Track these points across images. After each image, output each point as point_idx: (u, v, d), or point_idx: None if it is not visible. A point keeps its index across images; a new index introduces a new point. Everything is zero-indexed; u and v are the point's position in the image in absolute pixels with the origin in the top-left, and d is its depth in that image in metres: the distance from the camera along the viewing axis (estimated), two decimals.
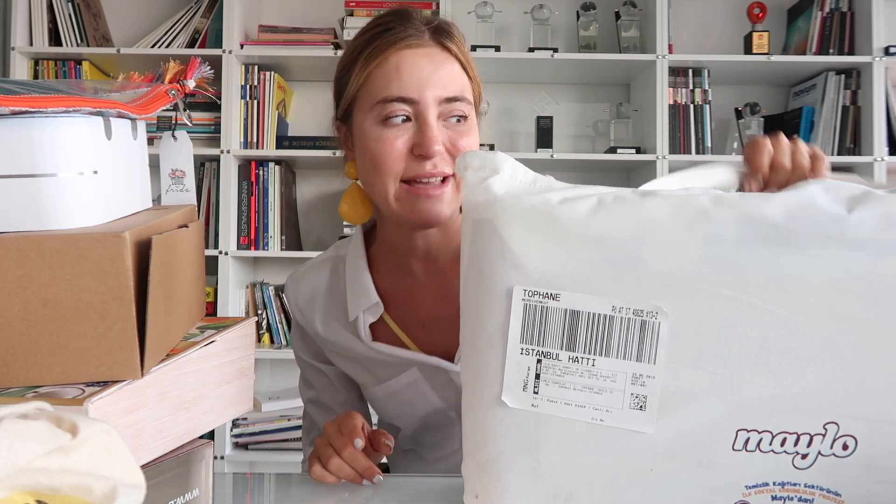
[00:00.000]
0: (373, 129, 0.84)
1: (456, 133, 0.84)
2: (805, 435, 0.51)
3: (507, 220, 0.53)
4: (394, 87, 0.82)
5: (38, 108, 0.53)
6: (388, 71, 0.83)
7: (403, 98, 0.82)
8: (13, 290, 0.52)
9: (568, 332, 0.52)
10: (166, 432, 0.59)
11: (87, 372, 0.53)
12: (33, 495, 0.35)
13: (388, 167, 0.83)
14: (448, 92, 0.83)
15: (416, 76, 0.82)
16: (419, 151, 0.82)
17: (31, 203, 0.55)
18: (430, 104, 0.82)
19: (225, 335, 0.68)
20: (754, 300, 0.50)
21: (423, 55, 0.83)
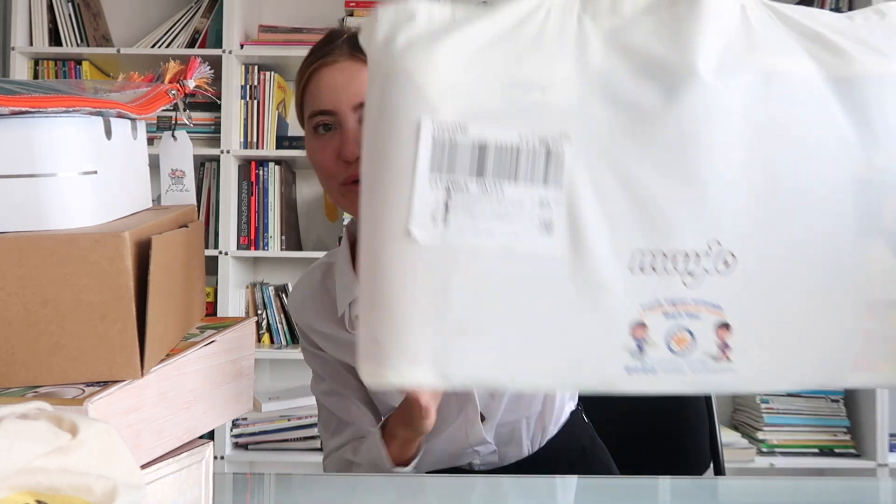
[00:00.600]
0: (310, 141, 0.96)
1: None
2: (693, 254, 0.54)
3: (418, 63, 0.53)
4: (315, 102, 0.93)
5: (38, 108, 0.53)
6: (312, 89, 0.94)
7: (323, 111, 0.93)
8: (13, 290, 0.52)
9: (477, 163, 0.53)
10: (166, 432, 0.59)
11: (87, 372, 0.53)
12: (33, 495, 0.35)
13: (323, 173, 0.94)
14: (361, 97, 0.89)
15: (331, 89, 0.92)
16: (342, 157, 0.91)
17: (31, 203, 0.55)
18: (347, 112, 0.91)
19: (225, 335, 0.68)
20: (635, 126, 0.53)
21: (336, 69, 0.93)
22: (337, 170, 0.92)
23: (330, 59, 0.93)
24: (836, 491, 1.06)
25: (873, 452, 2.22)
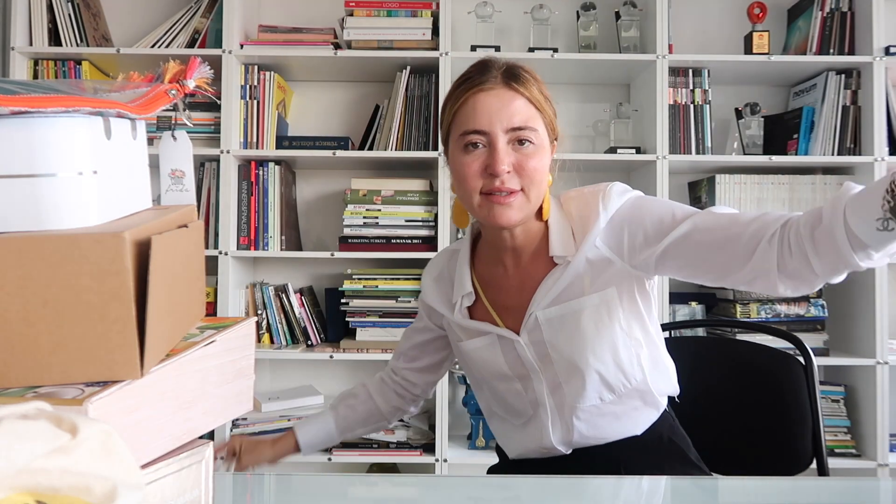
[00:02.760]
0: (458, 156, 1.07)
1: (523, 156, 1.05)
2: None
3: None
4: (471, 122, 1.05)
5: (38, 108, 0.53)
6: (467, 110, 1.06)
7: (477, 130, 1.05)
8: (13, 290, 0.52)
9: None
10: (166, 432, 0.59)
11: (86, 372, 0.53)
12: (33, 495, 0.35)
13: (468, 184, 1.06)
14: (514, 122, 1.04)
15: (486, 112, 1.04)
16: (490, 171, 1.04)
17: (31, 203, 0.55)
18: (499, 133, 1.04)
19: (225, 335, 0.68)
20: None
21: (493, 96, 1.05)
22: (481, 181, 1.05)
23: (488, 86, 1.06)
24: (836, 491, 1.05)
25: (873, 452, 2.22)
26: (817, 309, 2.29)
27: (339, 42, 2.36)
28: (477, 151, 1.05)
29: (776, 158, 2.31)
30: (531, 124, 1.05)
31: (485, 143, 1.05)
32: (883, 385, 2.22)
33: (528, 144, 1.05)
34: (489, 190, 1.05)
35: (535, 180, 1.05)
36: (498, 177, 1.03)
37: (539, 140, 1.06)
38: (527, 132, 1.05)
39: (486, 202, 1.06)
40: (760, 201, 2.35)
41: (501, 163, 1.03)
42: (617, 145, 2.39)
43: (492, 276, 1.18)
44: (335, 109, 2.59)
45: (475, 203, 1.07)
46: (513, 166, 1.04)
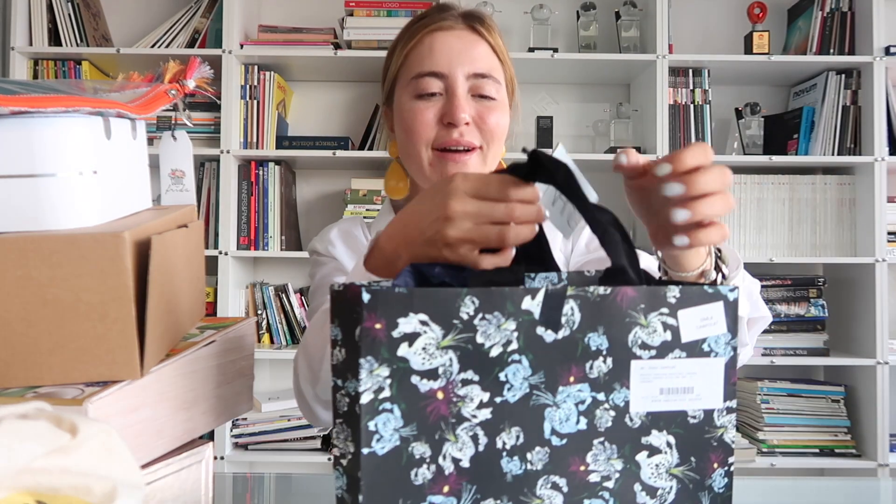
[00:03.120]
0: (408, 103, 0.92)
1: (485, 108, 0.91)
2: None
3: None
4: (426, 63, 0.91)
5: (38, 108, 0.53)
6: (422, 50, 0.92)
7: (434, 73, 0.90)
8: (13, 290, 0.52)
9: None
10: (166, 432, 0.59)
11: (86, 372, 0.53)
12: (33, 495, 0.35)
13: (419, 135, 0.90)
14: (477, 68, 0.90)
15: (446, 53, 0.90)
16: (447, 120, 0.89)
17: (31, 203, 0.55)
18: (459, 78, 0.90)
19: (225, 335, 0.68)
20: None
21: (453, 36, 0.92)
22: (434, 132, 0.90)
23: (447, 24, 0.93)
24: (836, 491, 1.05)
25: (873, 452, 2.22)
26: (817, 309, 2.29)
27: (339, 42, 2.36)
28: (433, 99, 0.91)
29: (776, 158, 2.31)
30: (495, 75, 0.92)
31: (441, 91, 0.90)
32: (883, 385, 2.22)
33: (490, 100, 0.91)
34: (443, 144, 0.90)
35: (496, 138, 0.92)
36: (457, 127, 0.89)
37: (500, 95, 0.93)
38: (490, 83, 0.91)
39: (439, 159, 0.91)
40: (760, 201, 2.35)
41: (461, 109, 0.88)
42: (617, 145, 2.39)
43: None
44: (335, 109, 2.59)
45: (425, 160, 0.91)
46: (472, 119, 0.90)
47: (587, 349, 0.55)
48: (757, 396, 2.30)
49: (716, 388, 0.57)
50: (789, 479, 1.19)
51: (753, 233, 2.34)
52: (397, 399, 0.51)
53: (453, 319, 0.52)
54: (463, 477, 0.52)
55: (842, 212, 2.34)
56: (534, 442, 0.53)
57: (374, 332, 0.50)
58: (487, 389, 0.53)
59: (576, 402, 0.54)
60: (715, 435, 0.58)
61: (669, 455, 0.57)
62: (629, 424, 0.56)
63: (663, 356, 0.56)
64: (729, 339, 0.58)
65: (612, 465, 0.55)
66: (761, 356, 2.25)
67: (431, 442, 0.51)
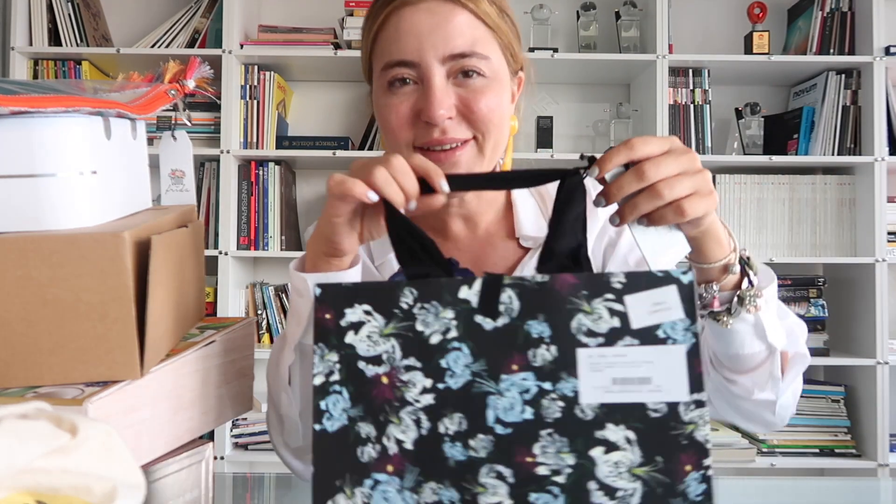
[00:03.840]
0: (381, 97, 0.79)
1: (471, 92, 0.76)
2: None
3: None
4: (394, 50, 0.76)
5: (38, 108, 0.53)
6: (389, 33, 0.77)
7: (403, 61, 0.76)
8: (13, 290, 0.52)
9: None
10: (166, 432, 0.59)
11: (86, 372, 0.53)
12: (33, 495, 0.35)
13: (398, 135, 0.78)
14: (453, 47, 0.75)
15: (414, 35, 0.75)
16: (424, 117, 0.76)
17: (31, 203, 0.55)
18: (432, 64, 0.75)
19: (225, 335, 0.68)
20: None
21: (422, 11, 0.76)
22: (412, 132, 0.77)
23: None
24: (836, 491, 1.05)
25: (873, 452, 2.22)
26: (817, 309, 2.29)
27: (339, 42, 2.36)
28: (405, 89, 0.77)
29: (776, 158, 2.31)
30: (479, 49, 0.76)
31: (415, 79, 0.77)
32: (883, 385, 2.22)
33: (476, 77, 0.76)
34: (426, 143, 0.77)
35: (490, 124, 0.77)
36: (436, 125, 0.76)
37: (492, 70, 0.78)
38: (473, 60, 0.76)
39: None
40: (760, 201, 2.35)
41: (438, 105, 0.74)
42: None
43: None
44: (335, 109, 2.59)
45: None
46: (457, 109, 0.76)
47: (528, 337, 0.54)
48: None
49: (678, 379, 0.53)
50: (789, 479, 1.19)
51: (753, 233, 2.34)
52: (346, 382, 0.55)
53: (394, 309, 0.56)
54: (406, 458, 0.54)
55: (842, 212, 2.34)
56: (476, 429, 0.54)
57: (324, 322, 0.56)
58: (430, 376, 0.55)
59: (520, 391, 0.54)
60: (683, 432, 0.52)
61: (630, 452, 0.52)
62: (580, 416, 0.53)
63: (612, 343, 0.53)
64: (688, 325, 0.53)
65: (563, 459, 0.53)
66: None
67: (377, 423, 0.55)
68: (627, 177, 0.60)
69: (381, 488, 0.54)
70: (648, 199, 0.60)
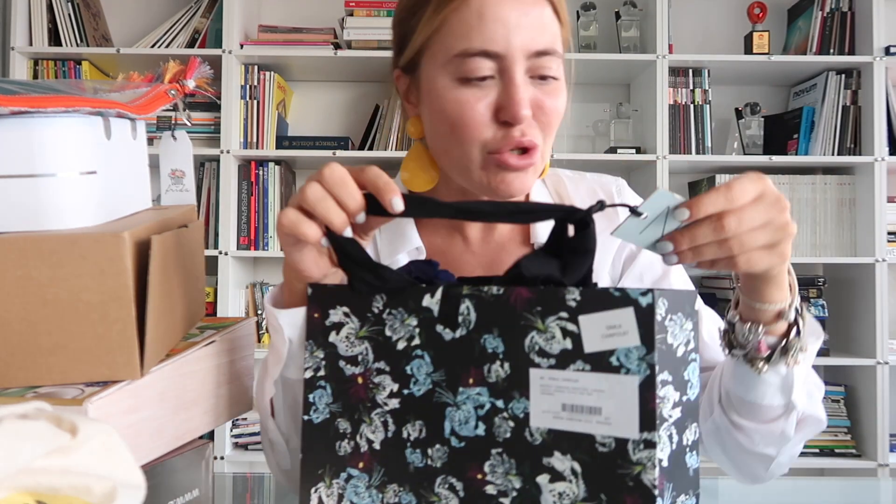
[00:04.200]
0: (449, 89, 0.70)
1: (545, 93, 0.70)
2: None
3: None
4: (475, 37, 0.68)
5: (38, 108, 0.53)
6: (468, 17, 0.69)
7: (487, 52, 0.68)
8: (13, 290, 0.52)
9: None
10: (166, 432, 0.59)
11: (86, 372, 0.53)
12: (33, 495, 0.35)
13: (470, 135, 0.70)
14: (538, 44, 0.69)
15: (501, 23, 0.68)
16: (505, 116, 0.69)
17: (31, 203, 0.55)
18: (518, 59, 0.68)
19: (225, 335, 0.68)
20: None
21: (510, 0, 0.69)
22: (491, 132, 0.70)
23: None
24: (836, 491, 1.05)
25: (873, 452, 2.22)
26: (817, 309, 2.29)
27: (339, 42, 2.36)
28: (484, 85, 0.69)
29: (776, 158, 2.31)
30: (557, 47, 0.71)
31: (494, 73, 0.69)
32: (883, 385, 2.22)
33: (551, 80, 0.71)
34: (500, 147, 0.70)
35: (553, 130, 0.73)
36: (517, 124, 0.69)
37: (562, 71, 0.73)
38: (553, 61, 0.70)
39: (496, 166, 0.71)
40: None
41: (524, 104, 0.68)
42: (617, 145, 2.39)
43: (447, 247, 0.83)
44: (335, 109, 2.59)
45: (475, 163, 0.72)
46: (532, 108, 0.70)
47: (483, 351, 0.53)
48: None
49: (628, 413, 0.47)
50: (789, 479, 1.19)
51: None
52: (329, 378, 0.59)
53: (367, 313, 0.58)
54: (374, 458, 0.56)
55: (842, 212, 2.34)
56: (434, 439, 0.54)
57: (314, 320, 0.60)
58: (397, 381, 0.56)
59: (475, 406, 0.53)
60: (630, 472, 0.47)
61: (575, 485, 0.49)
62: (529, 440, 0.51)
63: (564, 366, 0.50)
64: (643, 355, 0.47)
65: (510, 482, 0.51)
66: None
67: (352, 420, 0.57)
68: (704, 230, 0.55)
69: (353, 483, 0.57)
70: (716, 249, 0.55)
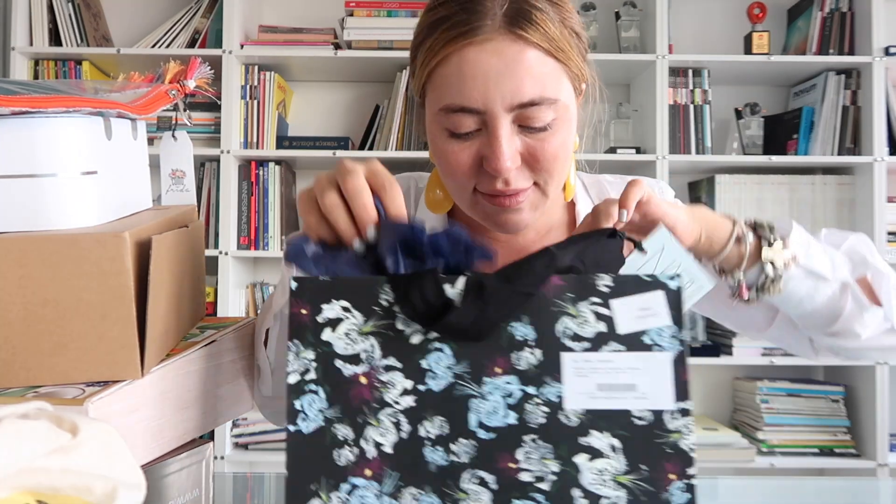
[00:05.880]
0: (439, 138, 0.73)
1: (538, 141, 0.71)
2: None
3: None
4: (455, 94, 0.69)
5: (39, 109, 0.53)
6: (448, 72, 0.70)
7: (466, 108, 0.69)
8: (13, 290, 0.52)
9: None
10: (166, 432, 0.59)
11: (87, 372, 0.53)
12: (34, 495, 0.35)
13: (456, 181, 0.74)
14: (522, 96, 0.68)
15: (480, 80, 0.68)
16: (488, 167, 0.71)
17: (31, 203, 0.55)
18: (499, 114, 0.69)
19: (225, 335, 0.68)
20: None
21: (488, 51, 0.68)
22: (477, 180, 0.73)
23: (481, 35, 0.68)
24: (836, 491, 1.05)
25: (873, 452, 2.22)
26: None
27: (339, 42, 2.36)
28: (469, 137, 0.71)
29: (776, 158, 2.31)
30: (549, 92, 0.69)
31: (478, 125, 0.70)
32: (883, 385, 2.22)
33: (543, 131, 0.71)
34: (486, 192, 0.73)
35: (554, 171, 0.72)
36: (500, 176, 0.71)
37: (560, 111, 0.71)
38: (543, 110, 0.69)
39: (487, 202, 0.74)
40: (760, 201, 2.35)
41: (505, 158, 0.69)
42: (617, 145, 2.39)
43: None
44: (335, 109, 2.59)
45: (467, 201, 0.76)
46: (521, 157, 0.71)
47: (512, 339, 0.53)
48: (756, 396, 2.30)
49: (664, 387, 0.52)
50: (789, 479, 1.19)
51: None
52: (322, 381, 0.53)
53: (373, 306, 0.54)
54: (385, 462, 0.52)
55: (841, 212, 2.34)
56: (458, 433, 0.52)
57: (300, 317, 0.54)
58: (410, 377, 0.53)
59: (504, 395, 0.52)
60: (668, 440, 0.51)
61: (615, 460, 0.51)
62: (565, 422, 0.52)
63: (598, 349, 0.52)
64: (675, 332, 0.52)
65: (547, 466, 0.52)
66: (761, 356, 2.25)
67: (354, 425, 0.53)
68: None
69: (359, 493, 0.52)
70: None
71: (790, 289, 0.69)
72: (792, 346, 0.83)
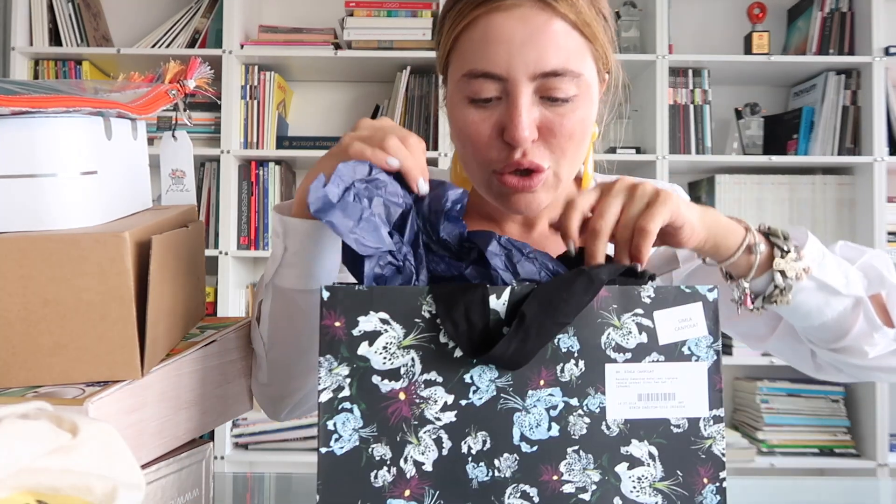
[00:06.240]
0: (460, 107, 0.72)
1: (557, 115, 0.69)
2: None
3: None
4: (479, 59, 0.69)
5: (39, 109, 0.53)
6: (474, 37, 0.70)
7: (489, 74, 0.69)
8: (13, 290, 0.52)
9: None
10: (166, 432, 0.59)
11: (87, 372, 0.53)
12: (34, 495, 0.35)
13: (477, 153, 0.72)
14: (546, 64, 0.68)
15: (504, 46, 0.68)
16: (507, 138, 0.69)
17: (31, 203, 0.55)
18: (521, 81, 0.68)
19: (225, 335, 0.68)
20: None
21: (515, 18, 0.68)
22: (495, 152, 0.71)
23: (509, 1, 0.68)
24: (836, 491, 1.05)
25: (873, 452, 2.22)
26: None
27: (339, 42, 2.36)
28: (490, 106, 0.70)
29: (776, 158, 2.31)
30: (572, 65, 0.69)
31: (500, 93, 0.69)
32: (883, 385, 2.22)
33: (564, 103, 0.69)
34: (502, 168, 0.71)
35: (568, 152, 0.71)
36: (518, 146, 0.69)
37: (583, 87, 0.71)
38: (566, 81, 0.69)
39: (501, 186, 0.72)
40: (760, 201, 2.35)
41: (524, 127, 0.68)
42: (616, 145, 2.39)
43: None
44: (335, 109, 2.59)
45: (483, 181, 0.74)
46: (539, 129, 0.70)
47: (557, 351, 0.53)
48: (756, 396, 2.30)
49: (700, 395, 0.53)
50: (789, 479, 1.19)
51: None
52: (357, 399, 0.51)
53: (415, 318, 0.51)
54: (425, 481, 0.51)
55: (841, 212, 2.34)
56: (502, 448, 0.52)
57: (333, 330, 0.51)
58: (452, 391, 0.52)
59: (547, 407, 0.52)
60: (702, 446, 0.53)
61: (652, 468, 0.53)
62: (606, 432, 0.53)
63: (640, 360, 0.53)
64: (711, 343, 0.54)
65: (589, 476, 0.52)
66: (761, 356, 2.25)
67: (393, 444, 0.51)
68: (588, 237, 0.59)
69: None
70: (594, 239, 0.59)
71: (799, 300, 0.67)
72: (792, 358, 0.82)
